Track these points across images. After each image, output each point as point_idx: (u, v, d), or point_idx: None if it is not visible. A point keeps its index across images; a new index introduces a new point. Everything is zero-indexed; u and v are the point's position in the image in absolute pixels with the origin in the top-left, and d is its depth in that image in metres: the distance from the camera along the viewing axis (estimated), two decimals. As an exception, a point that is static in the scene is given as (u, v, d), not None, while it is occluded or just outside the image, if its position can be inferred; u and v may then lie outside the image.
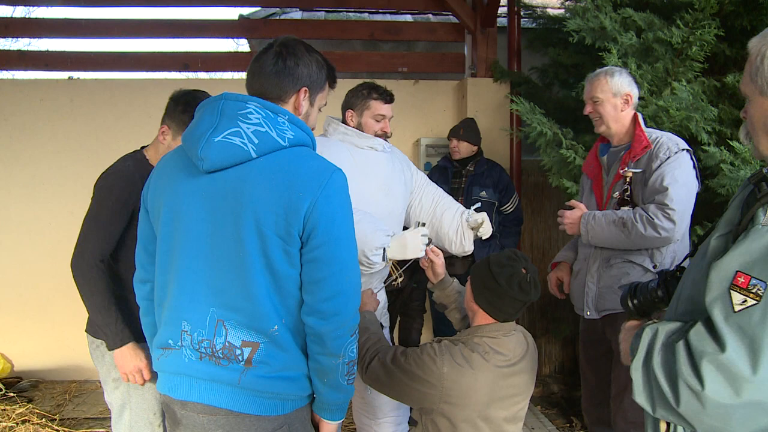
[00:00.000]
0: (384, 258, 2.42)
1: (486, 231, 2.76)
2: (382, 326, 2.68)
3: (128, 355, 2.19)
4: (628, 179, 2.58)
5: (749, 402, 1.09)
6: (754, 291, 1.10)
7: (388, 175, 2.70)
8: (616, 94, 2.64)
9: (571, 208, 2.74)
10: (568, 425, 4.27)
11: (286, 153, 1.59)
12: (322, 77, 1.76)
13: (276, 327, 1.58)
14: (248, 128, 1.56)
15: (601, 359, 2.79)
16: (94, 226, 2.24)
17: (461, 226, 2.78)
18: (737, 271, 1.13)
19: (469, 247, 2.80)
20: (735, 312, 1.11)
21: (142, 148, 2.46)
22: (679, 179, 2.46)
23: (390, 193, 2.69)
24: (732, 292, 1.12)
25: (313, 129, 1.76)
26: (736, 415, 1.12)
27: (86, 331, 2.39)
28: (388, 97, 2.70)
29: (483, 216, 2.74)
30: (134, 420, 2.28)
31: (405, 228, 2.85)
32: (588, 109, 2.72)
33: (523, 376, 2.12)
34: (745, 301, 1.10)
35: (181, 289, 1.63)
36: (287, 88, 1.68)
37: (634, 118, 2.68)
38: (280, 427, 1.62)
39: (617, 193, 2.63)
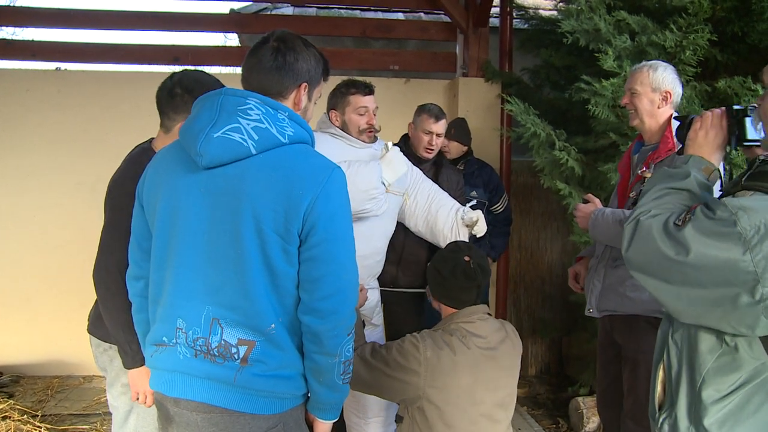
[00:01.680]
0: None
1: (481, 229, 2.77)
2: (364, 325, 2.66)
3: (146, 375, 2.07)
4: (645, 180, 2.53)
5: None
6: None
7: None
8: (655, 89, 2.54)
9: (587, 202, 2.71)
10: (554, 426, 4.28)
11: (286, 150, 1.57)
12: (320, 71, 1.74)
13: (273, 325, 1.56)
14: (248, 124, 1.54)
15: (612, 362, 2.77)
16: (116, 236, 2.07)
17: (456, 223, 2.78)
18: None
19: None
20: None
21: (150, 140, 2.30)
22: None
23: (386, 197, 2.69)
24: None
25: (309, 122, 1.75)
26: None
27: (90, 332, 2.31)
28: (366, 89, 2.72)
29: (478, 214, 2.76)
30: (140, 425, 2.23)
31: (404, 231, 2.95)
32: (625, 100, 2.64)
33: (505, 359, 2.19)
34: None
35: (176, 286, 1.60)
36: (288, 84, 1.65)
37: (670, 118, 2.58)
38: (275, 426, 1.60)
39: (633, 193, 2.57)
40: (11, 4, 5.51)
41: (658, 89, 2.54)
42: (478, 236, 2.86)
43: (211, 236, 1.56)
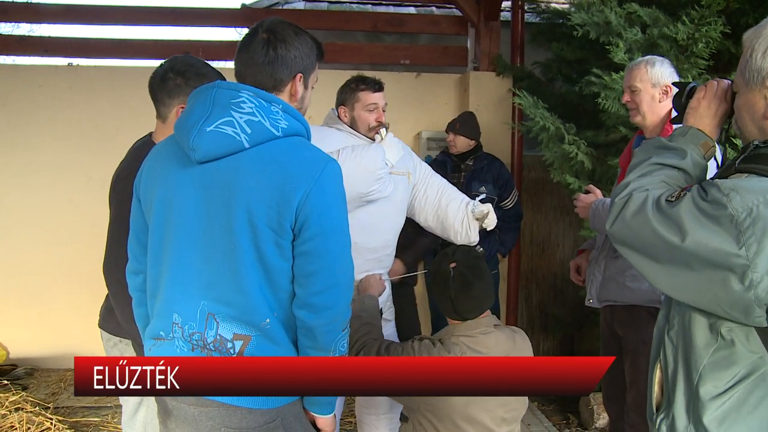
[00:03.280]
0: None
1: (491, 222, 2.76)
2: (382, 317, 2.64)
3: None
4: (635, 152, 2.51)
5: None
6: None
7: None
8: (655, 85, 2.53)
9: (588, 192, 2.71)
10: (564, 422, 4.26)
11: (279, 143, 1.55)
12: (314, 58, 1.70)
13: (268, 320, 1.55)
14: (241, 118, 1.53)
15: (614, 354, 2.75)
16: (124, 230, 2.03)
17: (467, 216, 2.77)
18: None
19: (474, 238, 2.80)
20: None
21: (149, 134, 2.32)
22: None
23: (391, 179, 2.68)
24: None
25: (307, 109, 1.74)
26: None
27: (100, 327, 2.33)
28: (376, 86, 2.70)
29: (488, 207, 2.74)
30: (149, 417, 2.24)
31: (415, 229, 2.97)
32: (625, 98, 2.63)
33: None
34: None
35: (172, 280, 1.60)
36: (282, 77, 1.63)
37: (670, 112, 2.57)
38: (272, 421, 1.59)
39: None
40: (27, 1, 5.53)
41: (658, 84, 2.54)
42: (488, 229, 2.84)
43: (206, 231, 1.55)
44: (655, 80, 2.54)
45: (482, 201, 2.81)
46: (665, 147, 1.47)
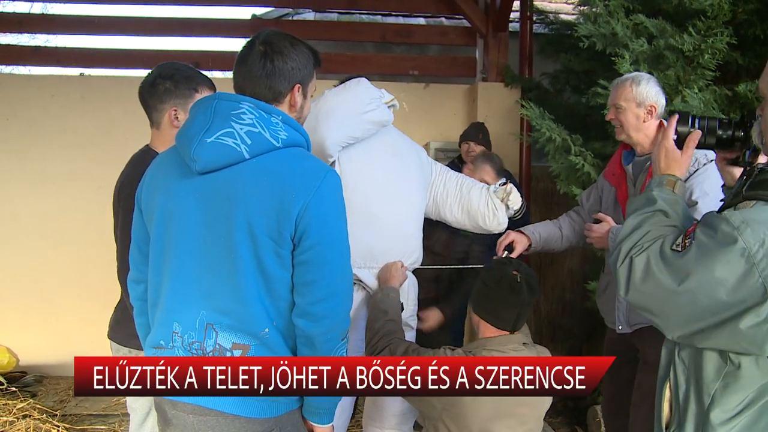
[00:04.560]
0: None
1: (515, 200, 2.74)
2: (402, 309, 2.54)
3: None
4: None
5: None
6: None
7: (395, 137, 2.71)
8: (640, 104, 2.52)
9: (598, 221, 2.65)
10: (571, 434, 4.23)
11: (279, 154, 1.57)
12: (311, 67, 1.71)
13: (267, 329, 1.56)
14: (241, 129, 1.54)
15: (622, 368, 2.70)
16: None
17: (490, 198, 2.76)
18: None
19: (503, 219, 2.78)
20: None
21: (146, 146, 2.36)
22: (710, 192, 2.36)
23: (399, 154, 2.68)
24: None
25: (305, 119, 1.77)
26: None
27: (110, 337, 2.34)
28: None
29: (510, 186, 2.73)
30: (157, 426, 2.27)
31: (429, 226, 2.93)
32: (610, 116, 2.63)
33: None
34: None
35: (173, 290, 1.62)
36: (281, 89, 1.65)
37: (658, 128, 2.53)
38: (271, 430, 1.61)
39: None
40: (43, 12, 5.61)
41: (643, 104, 2.52)
42: (514, 208, 2.81)
43: (206, 241, 1.56)
44: (639, 99, 2.52)
45: (502, 184, 2.81)
46: (637, 203, 1.50)
